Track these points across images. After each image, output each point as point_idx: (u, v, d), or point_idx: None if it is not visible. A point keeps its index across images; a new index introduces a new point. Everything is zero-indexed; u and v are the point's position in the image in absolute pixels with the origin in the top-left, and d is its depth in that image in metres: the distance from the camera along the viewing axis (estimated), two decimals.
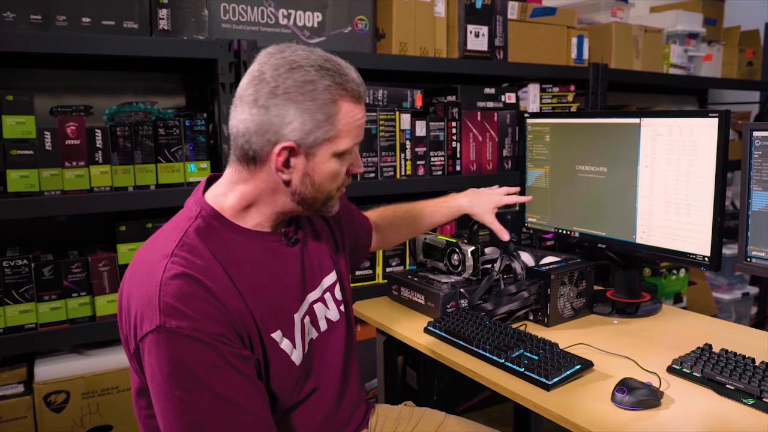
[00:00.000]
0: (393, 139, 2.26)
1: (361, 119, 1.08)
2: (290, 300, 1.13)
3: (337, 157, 1.06)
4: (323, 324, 1.21)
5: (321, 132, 1.02)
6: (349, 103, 1.04)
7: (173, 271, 0.95)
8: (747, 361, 1.24)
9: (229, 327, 0.97)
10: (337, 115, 1.03)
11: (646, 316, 1.63)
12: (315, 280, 1.21)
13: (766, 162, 1.33)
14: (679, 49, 3.20)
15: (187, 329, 0.92)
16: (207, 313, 0.95)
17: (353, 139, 1.07)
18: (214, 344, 0.94)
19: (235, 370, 0.96)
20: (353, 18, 2.22)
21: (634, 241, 1.62)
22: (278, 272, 1.11)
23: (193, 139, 1.88)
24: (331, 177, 1.08)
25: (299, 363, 1.12)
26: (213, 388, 0.94)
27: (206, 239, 1.02)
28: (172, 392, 0.93)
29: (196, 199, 1.09)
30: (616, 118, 1.63)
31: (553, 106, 2.72)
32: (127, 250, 1.85)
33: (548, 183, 1.83)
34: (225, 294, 0.98)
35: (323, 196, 1.10)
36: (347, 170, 1.11)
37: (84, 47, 1.69)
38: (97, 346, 1.87)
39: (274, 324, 1.07)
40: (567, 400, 1.18)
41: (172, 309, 0.93)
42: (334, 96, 1.02)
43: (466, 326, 1.47)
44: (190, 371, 0.92)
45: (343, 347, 1.24)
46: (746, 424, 1.08)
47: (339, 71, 1.03)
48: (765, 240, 1.35)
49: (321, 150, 1.04)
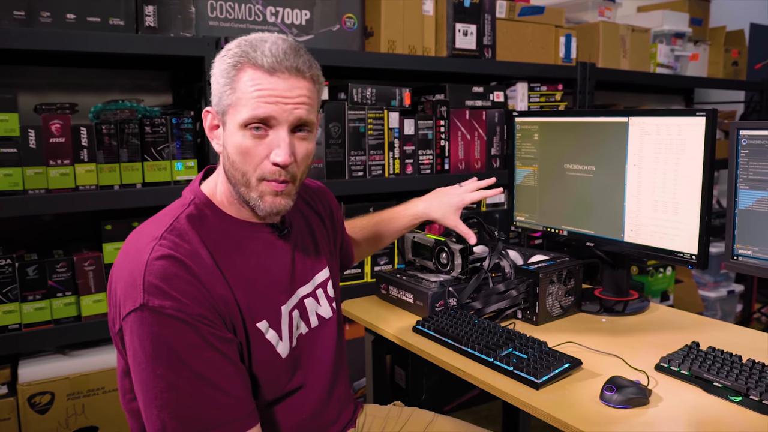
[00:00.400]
0: (381, 138, 2.26)
1: (264, 90, 1.01)
2: (278, 291, 1.13)
3: (244, 129, 1.02)
4: (314, 320, 1.22)
5: (225, 97, 1.03)
6: (252, 71, 1.01)
7: (159, 253, 0.97)
8: (734, 358, 1.24)
9: (212, 309, 0.99)
10: (237, 81, 1.02)
11: (633, 315, 1.64)
12: (306, 275, 1.21)
13: (753, 161, 1.34)
14: (666, 48, 3.22)
15: (169, 309, 0.94)
16: (190, 295, 0.96)
17: (252, 109, 1.00)
18: (196, 324, 0.95)
19: (216, 351, 0.97)
20: (341, 16, 2.21)
21: (622, 240, 1.63)
22: (267, 263, 1.12)
23: (180, 137, 1.87)
24: (240, 152, 1.03)
25: (285, 356, 1.12)
26: (193, 368, 0.95)
27: (197, 226, 1.05)
28: (153, 370, 0.94)
29: (192, 188, 1.12)
30: (604, 116, 1.64)
31: (541, 105, 2.72)
32: (113, 249, 1.83)
33: (537, 181, 1.84)
34: (210, 279, 1.00)
35: (239, 176, 1.04)
36: (268, 155, 1.03)
37: (69, 44, 1.67)
38: (82, 346, 1.86)
39: (260, 314, 1.08)
40: (556, 398, 1.18)
41: (155, 288, 0.94)
42: (237, 62, 1.02)
43: (454, 325, 1.47)
44: (171, 350, 0.94)
45: (334, 345, 1.25)
46: (734, 421, 1.08)
47: (255, 43, 1.03)
48: (751, 238, 1.36)
49: (229, 118, 1.04)
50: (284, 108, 1.02)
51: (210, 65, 1.82)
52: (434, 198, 1.63)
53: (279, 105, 1.02)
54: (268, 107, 1.01)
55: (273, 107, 1.02)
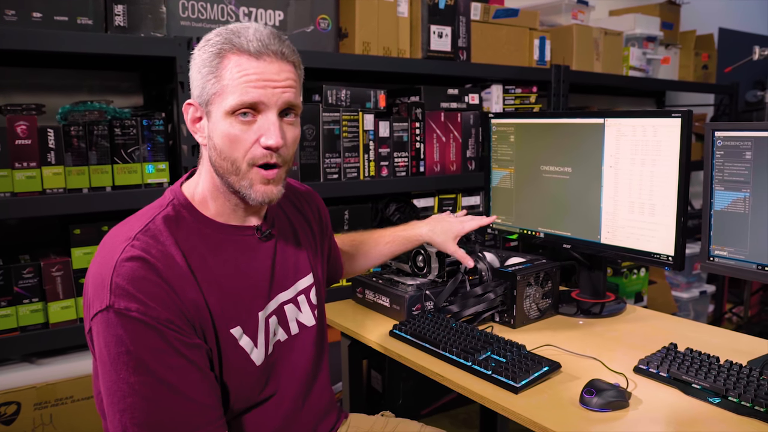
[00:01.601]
0: (356, 140, 2.23)
1: (251, 74, 0.99)
2: (255, 297, 1.10)
3: (230, 116, 1.00)
4: (294, 327, 1.19)
5: (209, 86, 1.01)
6: (237, 57, 1.00)
7: (129, 254, 0.95)
8: (711, 359, 1.25)
9: (180, 314, 0.96)
10: (222, 69, 1.00)
11: (610, 316, 1.64)
12: (287, 280, 1.18)
13: (728, 162, 1.34)
14: (638, 51, 3.26)
15: (135, 312, 0.92)
16: (157, 298, 0.94)
17: (240, 95, 0.99)
18: (161, 329, 0.93)
19: (181, 357, 0.95)
20: (316, 17, 2.19)
21: (598, 242, 1.63)
22: (245, 267, 1.09)
23: (151, 139, 1.82)
24: (228, 139, 1.01)
25: (259, 363, 1.09)
26: (156, 373, 0.92)
27: (173, 227, 1.02)
28: (117, 373, 0.92)
29: (172, 188, 1.10)
30: (580, 118, 1.64)
31: (516, 107, 2.73)
32: (81, 254, 1.78)
33: (513, 183, 1.83)
34: (180, 283, 0.98)
35: (228, 165, 1.02)
36: (258, 140, 1.02)
37: (35, 43, 1.62)
38: (50, 354, 1.80)
39: (234, 319, 1.05)
40: (535, 402, 1.17)
41: (122, 290, 0.92)
42: (220, 50, 1.00)
43: (432, 329, 1.45)
44: (135, 354, 0.92)
45: (312, 353, 1.21)
46: (713, 423, 1.08)
47: (236, 30, 1.01)
48: (727, 239, 1.37)
49: (214, 108, 1.01)
50: (273, 92, 1.01)
51: (182, 66, 1.80)
52: (437, 223, 1.63)
53: (267, 89, 1.00)
54: (257, 92, 0.99)
55: (261, 91, 1.00)
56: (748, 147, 1.30)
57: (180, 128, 1.85)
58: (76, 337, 1.76)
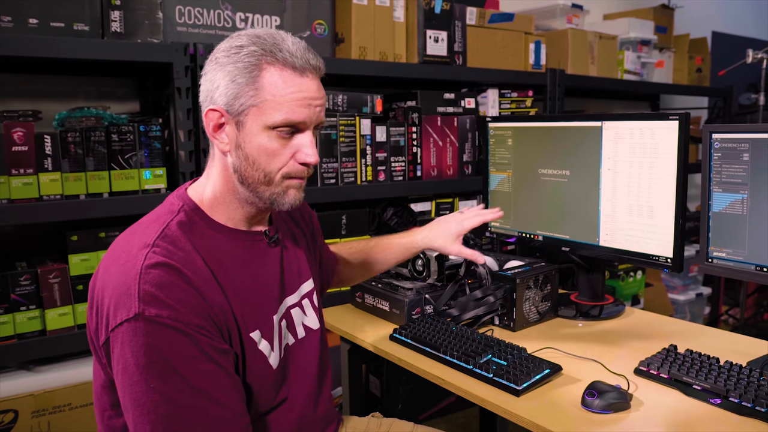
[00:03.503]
0: (353, 145, 2.24)
1: (297, 92, 0.99)
2: (269, 301, 1.10)
3: (270, 130, 1.00)
4: (300, 330, 1.18)
5: (246, 97, 0.98)
6: (278, 70, 0.99)
7: (154, 260, 0.93)
8: (712, 360, 1.25)
9: (209, 319, 0.95)
10: (260, 79, 0.98)
11: (609, 319, 1.64)
12: (293, 284, 1.18)
13: (725, 164, 1.35)
14: (633, 55, 3.27)
15: (166, 318, 0.90)
16: (187, 304, 0.93)
17: (287, 113, 0.99)
18: (194, 335, 0.92)
19: (213, 363, 0.94)
20: (312, 22, 2.19)
21: (597, 244, 1.63)
22: (258, 272, 1.09)
23: (148, 145, 1.82)
24: (265, 153, 1.01)
25: (276, 367, 1.09)
26: (190, 381, 0.91)
27: (188, 233, 1.01)
28: (147, 383, 0.89)
29: (179, 194, 1.08)
30: (578, 121, 1.64)
31: (512, 111, 2.73)
32: (79, 260, 1.77)
33: (511, 187, 1.83)
34: (206, 286, 0.97)
35: (260, 176, 1.02)
36: (294, 155, 1.03)
37: (31, 50, 1.61)
38: (48, 361, 1.79)
39: (253, 323, 1.05)
40: (537, 405, 1.17)
41: (151, 297, 0.90)
42: (259, 60, 0.98)
43: (432, 333, 1.45)
44: (168, 362, 0.89)
45: (317, 357, 1.21)
46: (714, 424, 1.08)
47: (273, 41, 1.00)
48: (725, 241, 1.37)
49: (249, 119, 1.00)
50: (314, 111, 1.02)
51: (179, 72, 1.80)
52: (433, 227, 1.55)
53: (311, 108, 1.01)
54: (303, 111, 1.00)
55: (306, 111, 1.01)
56: (745, 149, 1.31)
57: (177, 134, 1.85)
58: (74, 344, 1.75)
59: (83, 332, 1.75)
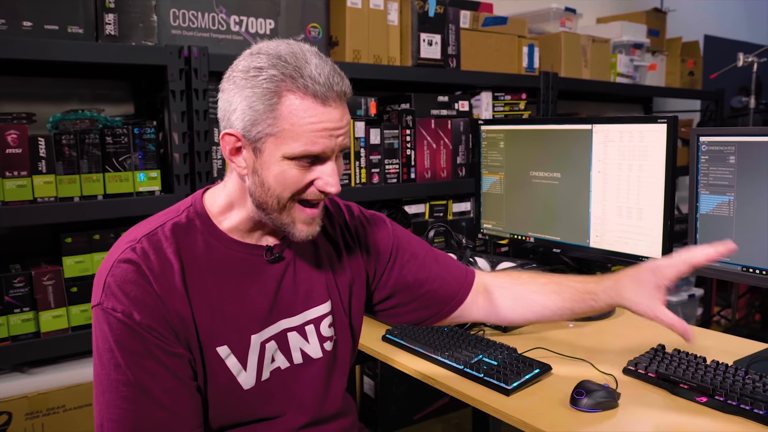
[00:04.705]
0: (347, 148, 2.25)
1: (318, 123, 0.94)
2: (249, 319, 1.06)
3: (289, 160, 0.95)
4: (297, 356, 1.11)
5: (263, 125, 0.94)
6: (298, 99, 0.93)
7: (126, 256, 0.98)
8: (698, 360, 1.27)
9: (164, 322, 0.97)
10: (279, 107, 0.93)
11: (600, 319, 1.66)
12: (294, 308, 1.11)
13: (712, 166, 1.37)
14: (625, 58, 3.29)
15: (119, 313, 0.94)
16: (143, 303, 0.95)
17: (306, 144, 0.94)
18: (143, 334, 0.95)
19: (160, 364, 0.95)
20: (306, 25, 2.20)
21: (588, 246, 1.65)
22: (244, 287, 1.05)
23: (143, 147, 1.83)
24: (281, 181, 0.97)
25: (249, 387, 1.05)
26: (134, 375, 0.94)
27: (180, 237, 1.02)
28: (102, 367, 0.96)
29: (194, 195, 1.08)
30: (568, 124, 1.66)
31: (505, 113, 2.75)
32: (73, 262, 1.78)
33: (503, 189, 1.85)
34: (169, 293, 0.98)
35: (275, 203, 0.99)
36: (313, 182, 0.99)
37: (25, 52, 1.62)
38: (42, 364, 1.79)
39: (221, 338, 1.02)
40: (527, 404, 1.18)
41: (111, 290, 0.95)
42: (279, 87, 0.93)
43: (424, 333, 1.46)
44: (116, 353, 0.94)
45: (320, 386, 1.13)
46: (700, 422, 1.10)
47: (296, 64, 0.93)
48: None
49: (268, 147, 0.96)
50: (336, 141, 0.97)
51: (173, 74, 1.81)
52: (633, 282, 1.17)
53: (332, 138, 0.96)
54: (324, 143, 0.95)
55: (327, 142, 0.95)
56: (731, 152, 1.33)
57: (171, 136, 1.86)
58: (68, 346, 1.76)
59: (77, 334, 1.76)
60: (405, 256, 1.25)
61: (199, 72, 1.84)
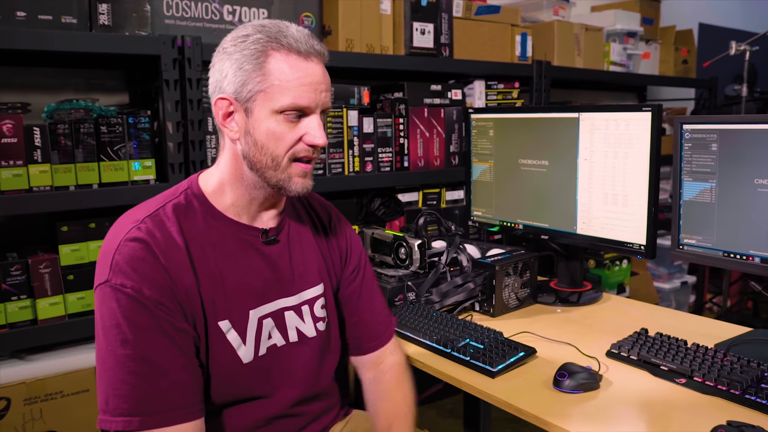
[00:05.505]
0: (341, 136, 2.27)
1: (304, 77, 1.03)
2: (248, 295, 1.11)
3: (278, 114, 1.03)
4: (293, 334, 1.18)
5: (253, 83, 1.02)
6: (284, 56, 1.02)
7: (133, 235, 1.01)
8: (680, 343, 1.30)
9: (172, 298, 1.00)
10: (267, 65, 1.02)
11: (587, 305, 1.69)
12: (290, 288, 1.18)
13: (695, 153, 1.39)
14: (619, 47, 3.30)
15: (129, 289, 0.97)
16: (152, 280, 0.99)
17: (293, 97, 1.02)
18: (152, 309, 0.98)
19: (168, 339, 0.99)
20: (299, 14, 2.22)
21: (575, 232, 1.67)
22: (241, 264, 1.11)
23: (137, 136, 1.85)
24: (273, 137, 1.04)
25: (248, 361, 1.10)
26: (143, 350, 0.97)
27: (181, 216, 1.07)
28: (108, 344, 0.97)
29: (190, 178, 1.14)
30: (556, 113, 1.68)
31: (498, 102, 2.77)
32: (69, 251, 1.80)
33: (492, 177, 1.87)
34: (176, 269, 1.02)
35: (268, 160, 1.06)
36: (302, 138, 1.06)
37: (19, 42, 1.64)
38: (39, 350, 1.82)
39: (223, 313, 1.08)
40: (511, 386, 1.21)
41: (120, 268, 0.98)
42: (265, 47, 1.02)
43: (413, 318, 1.49)
44: (125, 329, 0.96)
45: (312, 365, 1.20)
46: (678, 402, 1.13)
47: (277, 29, 1.04)
48: (695, 228, 1.42)
49: (257, 105, 1.03)
50: (320, 96, 1.05)
51: (167, 64, 1.83)
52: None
53: (316, 93, 1.05)
54: (309, 96, 1.04)
55: (313, 96, 1.04)
56: (713, 139, 1.35)
57: (166, 125, 1.88)
58: (65, 333, 1.79)
59: (74, 321, 1.79)
60: (364, 275, 1.33)
61: (192, 61, 1.86)
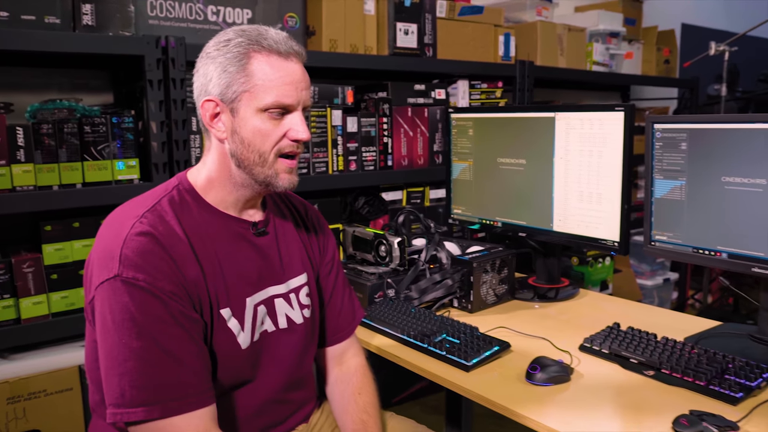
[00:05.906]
0: (324, 135, 2.29)
1: (285, 76, 1.08)
2: (245, 283, 1.16)
3: (262, 113, 1.08)
4: (282, 321, 1.22)
5: (237, 84, 1.07)
6: (265, 57, 1.08)
7: (139, 229, 1.03)
8: (650, 336, 1.33)
9: (182, 288, 1.03)
10: (249, 66, 1.07)
11: (564, 300, 1.72)
12: (279, 276, 1.23)
13: (666, 152, 1.43)
14: (601, 47, 3.34)
15: (141, 281, 0.99)
16: (162, 271, 1.01)
17: (276, 95, 1.07)
18: (166, 300, 1.00)
19: (182, 328, 1.01)
20: (283, 15, 2.23)
21: (551, 229, 1.70)
22: (236, 254, 1.15)
23: (121, 136, 1.86)
24: (258, 134, 1.09)
25: (245, 347, 1.14)
26: (158, 340, 0.99)
27: (177, 211, 1.10)
28: (119, 338, 0.98)
29: (179, 175, 1.17)
30: (533, 112, 1.71)
31: (482, 101, 2.80)
32: (53, 250, 1.81)
33: (472, 175, 1.90)
34: (183, 259, 1.05)
35: (256, 157, 1.10)
36: (286, 134, 1.11)
37: (2, 42, 1.64)
38: (23, 349, 1.83)
39: (224, 300, 1.11)
40: (485, 379, 1.24)
41: (130, 261, 1.00)
42: (247, 49, 1.07)
43: (392, 314, 1.52)
44: (139, 321, 0.98)
45: (298, 351, 1.25)
46: (646, 393, 1.16)
47: (257, 32, 1.09)
48: (666, 224, 1.45)
49: (243, 104, 1.08)
50: (301, 93, 1.11)
51: (150, 64, 1.84)
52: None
53: (298, 91, 1.10)
54: (291, 94, 1.09)
55: (294, 93, 1.09)
56: (683, 138, 1.39)
57: (150, 125, 1.89)
58: (49, 332, 1.79)
59: (57, 320, 1.80)
60: (338, 269, 1.39)
61: (176, 61, 1.88)
